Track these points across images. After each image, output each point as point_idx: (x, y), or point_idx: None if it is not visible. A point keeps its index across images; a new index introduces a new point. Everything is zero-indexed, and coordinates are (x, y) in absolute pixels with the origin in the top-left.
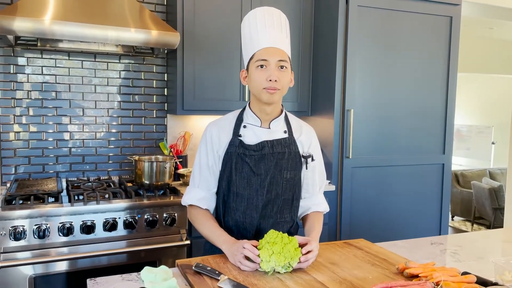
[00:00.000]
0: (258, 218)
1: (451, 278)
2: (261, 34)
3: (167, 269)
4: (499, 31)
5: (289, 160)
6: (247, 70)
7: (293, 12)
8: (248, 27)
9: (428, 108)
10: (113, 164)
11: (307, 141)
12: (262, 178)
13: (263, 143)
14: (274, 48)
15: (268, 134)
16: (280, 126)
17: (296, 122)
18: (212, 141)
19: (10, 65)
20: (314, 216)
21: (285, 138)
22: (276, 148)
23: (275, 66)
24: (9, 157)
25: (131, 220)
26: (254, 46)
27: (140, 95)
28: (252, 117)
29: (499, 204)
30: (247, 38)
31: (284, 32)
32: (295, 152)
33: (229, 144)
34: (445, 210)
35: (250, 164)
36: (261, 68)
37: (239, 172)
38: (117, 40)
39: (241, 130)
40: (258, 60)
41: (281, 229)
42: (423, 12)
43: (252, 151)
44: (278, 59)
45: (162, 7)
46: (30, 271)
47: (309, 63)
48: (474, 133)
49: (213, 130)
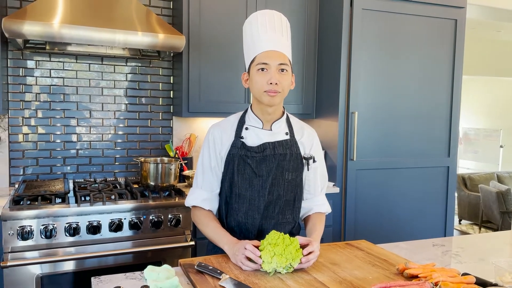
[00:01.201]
0: (260, 219)
1: (450, 278)
2: (262, 37)
3: (169, 268)
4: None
5: (290, 161)
6: (248, 73)
7: (298, 14)
8: (249, 30)
9: (433, 111)
10: (119, 165)
11: (308, 142)
12: (264, 179)
13: (264, 145)
14: (275, 52)
15: (270, 136)
16: (282, 128)
17: (297, 123)
18: (214, 143)
19: (19, 68)
20: (316, 217)
21: (287, 140)
22: (277, 149)
23: (275, 69)
24: (17, 158)
25: (137, 221)
26: (255, 49)
27: (146, 98)
28: (254, 119)
29: (506, 208)
30: (248, 41)
31: (285, 35)
32: (296, 154)
33: (231, 146)
34: (450, 213)
35: (252, 165)
36: (262, 71)
37: (241, 174)
38: (124, 43)
39: (243, 132)
40: (259, 63)
41: (283, 230)
42: (427, 15)
43: (254, 152)
44: (278, 63)
45: (168, 11)
46: (38, 270)
47: (314, 66)
48: (482, 136)
49: (216, 132)
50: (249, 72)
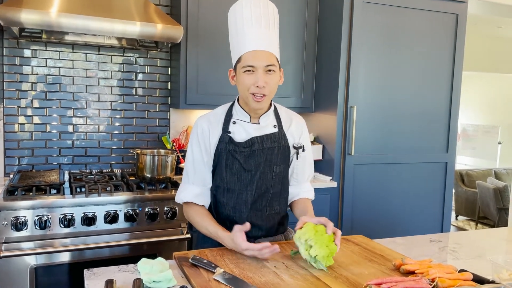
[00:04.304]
0: (248, 213)
1: (447, 275)
2: (248, 34)
3: (163, 261)
4: (508, 30)
5: (278, 154)
6: (235, 70)
7: (298, 7)
8: (234, 23)
9: (432, 106)
10: (115, 157)
11: (297, 131)
12: (252, 173)
13: (252, 140)
14: (261, 52)
15: (258, 130)
16: (270, 121)
17: (285, 114)
18: (203, 136)
19: (15, 57)
20: (305, 201)
21: (275, 133)
22: (266, 143)
23: (262, 71)
24: (13, 148)
25: (132, 213)
26: (241, 47)
27: (143, 89)
28: (242, 112)
29: (503, 204)
30: (233, 36)
31: (272, 27)
32: (284, 146)
33: (219, 141)
34: (447, 208)
35: (240, 160)
36: (248, 73)
37: (230, 169)
38: (123, 33)
39: (231, 127)
40: (245, 65)
41: (272, 221)
42: (428, 9)
43: (242, 147)
44: (265, 64)
45: (166, 1)
46: (32, 261)
47: (313, 59)
48: (480, 132)
49: (204, 125)
50: (235, 69)
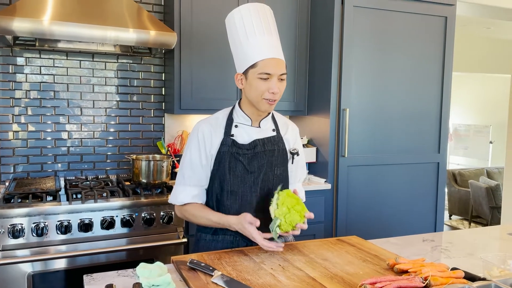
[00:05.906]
0: (253, 214)
1: (439, 273)
2: (260, 41)
3: (162, 265)
4: (497, 31)
5: (278, 157)
6: (245, 75)
7: (290, 12)
8: (240, 27)
9: (423, 107)
10: (111, 163)
11: (292, 138)
12: (255, 175)
13: (255, 142)
14: (277, 60)
15: (259, 133)
16: (269, 125)
17: (281, 120)
18: (204, 140)
19: (9, 65)
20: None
21: (274, 136)
22: (267, 146)
23: (276, 78)
24: (8, 156)
25: (129, 218)
26: (255, 54)
27: (138, 95)
28: (243, 116)
29: (496, 203)
30: (241, 40)
31: (275, 34)
32: (283, 149)
33: (221, 144)
34: (440, 208)
35: (243, 162)
36: (263, 79)
37: (233, 171)
38: (116, 40)
39: (233, 130)
40: (263, 72)
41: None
42: (418, 12)
43: (245, 150)
44: (281, 73)
45: (159, 7)
46: (29, 268)
47: (306, 63)
48: (472, 132)
49: (205, 129)
50: (245, 74)
